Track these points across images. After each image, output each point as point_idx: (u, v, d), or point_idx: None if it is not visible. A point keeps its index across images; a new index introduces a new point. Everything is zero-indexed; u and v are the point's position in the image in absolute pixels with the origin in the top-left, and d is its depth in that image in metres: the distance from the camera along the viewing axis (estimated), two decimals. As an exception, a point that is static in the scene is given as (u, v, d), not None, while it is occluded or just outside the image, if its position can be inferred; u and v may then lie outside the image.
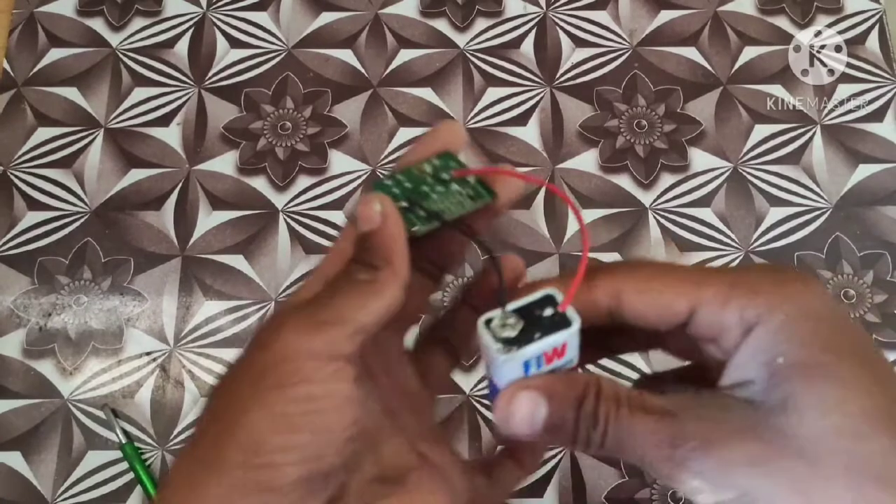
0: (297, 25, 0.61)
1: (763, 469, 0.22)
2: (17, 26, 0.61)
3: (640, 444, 0.23)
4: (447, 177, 0.27)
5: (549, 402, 0.25)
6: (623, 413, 0.24)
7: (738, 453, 0.22)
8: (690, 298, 0.24)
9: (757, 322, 0.23)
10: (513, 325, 0.24)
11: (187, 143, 0.58)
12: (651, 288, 0.25)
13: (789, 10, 0.62)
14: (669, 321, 0.25)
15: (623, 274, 0.25)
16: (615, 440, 0.24)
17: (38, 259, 0.54)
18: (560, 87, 0.59)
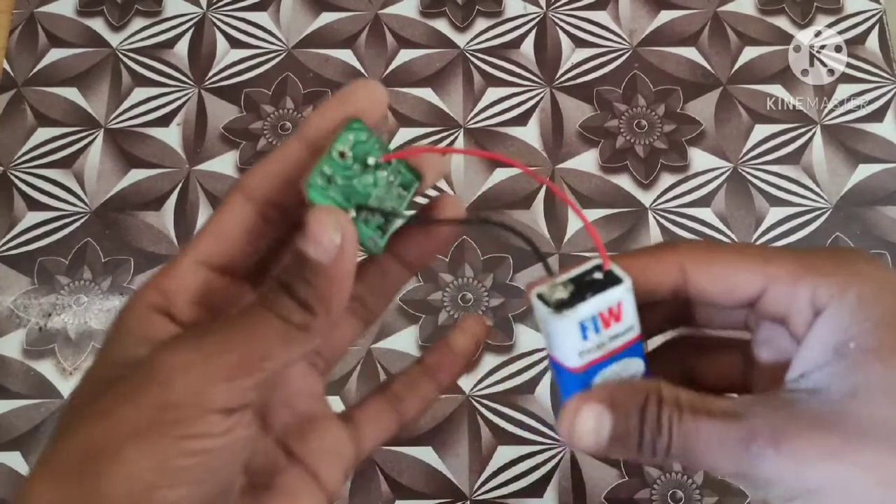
0: (297, 25, 0.61)
1: (841, 461, 0.21)
2: (17, 26, 0.61)
3: (708, 448, 0.22)
4: (372, 161, 0.25)
5: (612, 413, 0.23)
6: (686, 419, 0.23)
7: (812, 446, 0.21)
8: (761, 275, 0.24)
9: (829, 302, 0.23)
10: (564, 289, 0.24)
11: (187, 144, 0.58)
12: (720, 262, 0.24)
13: (789, 11, 0.62)
14: (737, 298, 0.24)
15: (689, 249, 0.25)
16: (681, 447, 0.23)
17: (38, 259, 0.54)
18: (560, 87, 0.59)
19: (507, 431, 0.50)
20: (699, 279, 0.24)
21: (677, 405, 0.23)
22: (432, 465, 0.49)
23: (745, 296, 0.24)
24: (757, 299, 0.24)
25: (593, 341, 0.24)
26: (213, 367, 0.21)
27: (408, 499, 0.49)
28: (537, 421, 0.50)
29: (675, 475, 0.49)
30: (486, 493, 0.49)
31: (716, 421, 0.22)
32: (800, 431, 0.22)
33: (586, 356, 0.24)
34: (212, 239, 0.24)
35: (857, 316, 0.22)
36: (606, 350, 0.24)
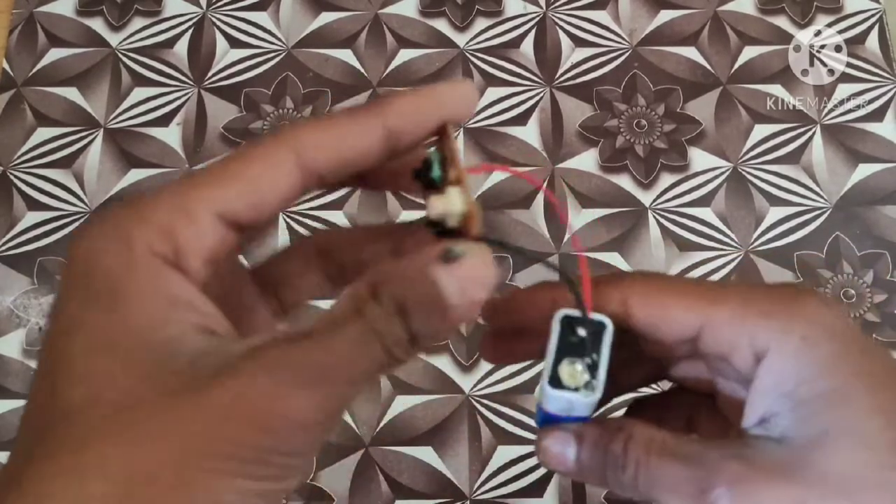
0: (296, 25, 0.61)
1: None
2: (16, 26, 0.61)
3: (670, 489, 0.23)
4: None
5: (577, 443, 0.24)
6: (652, 459, 0.23)
7: (770, 497, 0.21)
8: (699, 315, 0.23)
9: (770, 346, 0.22)
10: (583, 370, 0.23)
11: (187, 144, 0.58)
12: (659, 300, 0.24)
13: (789, 10, 0.62)
14: (675, 335, 0.24)
15: (631, 283, 0.24)
16: (646, 485, 0.23)
17: (38, 259, 0.54)
18: (560, 86, 0.59)
19: (507, 431, 0.50)
20: (638, 313, 0.24)
21: (646, 445, 0.23)
22: (432, 464, 0.49)
23: (683, 333, 0.24)
24: (698, 335, 0.24)
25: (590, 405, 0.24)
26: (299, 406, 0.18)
27: (408, 499, 0.49)
28: (537, 421, 0.50)
29: None
30: (486, 492, 0.49)
31: (679, 464, 0.23)
32: (762, 479, 0.21)
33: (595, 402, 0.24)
34: (244, 193, 0.20)
35: (801, 360, 0.22)
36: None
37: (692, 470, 0.22)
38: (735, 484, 0.21)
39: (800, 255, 0.54)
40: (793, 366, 0.22)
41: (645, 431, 0.24)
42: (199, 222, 0.20)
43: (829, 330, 0.22)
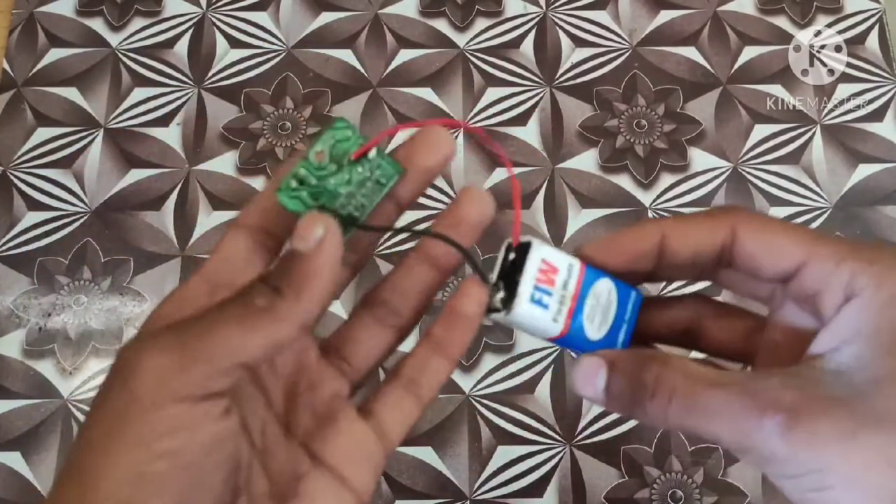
0: (296, 25, 0.61)
1: (855, 443, 0.21)
2: (16, 26, 0.61)
3: (713, 417, 0.23)
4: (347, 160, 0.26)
5: (609, 369, 0.25)
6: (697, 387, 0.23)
7: (829, 427, 0.21)
8: (806, 249, 0.24)
9: (864, 291, 0.23)
10: (499, 289, 0.26)
11: (187, 144, 0.58)
12: (770, 230, 0.25)
13: (789, 10, 0.62)
14: (780, 267, 0.25)
15: (742, 213, 0.25)
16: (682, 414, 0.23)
17: (38, 259, 0.54)
18: (560, 86, 0.59)
19: (507, 431, 0.50)
20: (748, 243, 0.25)
21: (684, 374, 0.24)
22: (432, 464, 0.49)
23: (787, 266, 0.24)
24: (795, 273, 0.24)
25: (554, 301, 0.26)
26: (167, 360, 0.21)
27: (408, 499, 0.49)
28: (537, 421, 0.50)
29: (675, 475, 0.49)
30: (486, 492, 0.49)
31: (725, 391, 0.23)
32: (818, 410, 0.22)
33: (560, 317, 0.26)
34: (217, 262, 0.26)
35: (886, 310, 0.22)
36: (570, 297, 0.26)
37: (743, 396, 0.22)
38: (791, 409, 0.22)
39: (800, 255, 0.54)
40: (878, 311, 0.23)
41: (680, 362, 0.24)
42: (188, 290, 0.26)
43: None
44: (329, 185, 0.25)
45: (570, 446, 0.50)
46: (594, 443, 0.50)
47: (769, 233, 0.25)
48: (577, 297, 0.26)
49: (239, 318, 0.22)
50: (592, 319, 0.26)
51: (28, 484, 0.49)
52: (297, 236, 0.23)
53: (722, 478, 0.49)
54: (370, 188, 0.26)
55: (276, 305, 0.22)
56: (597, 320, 0.27)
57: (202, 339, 0.22)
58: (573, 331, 0.26)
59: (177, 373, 0.21)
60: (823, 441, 0.21)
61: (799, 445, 0.21)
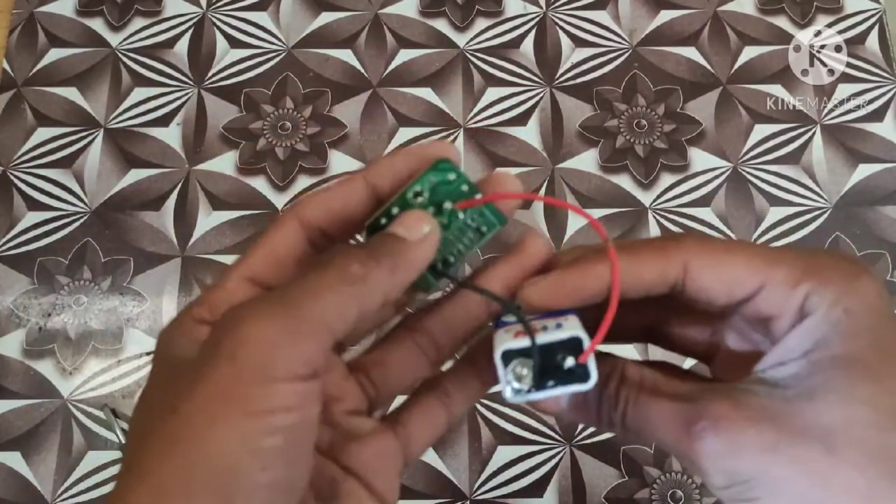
0: (296, 25, 0.61)
1: (775, 454, 0.22)
2: (16, 26, 0.61)
3: (657, 425, 0.24)
4: (449, 206, 0.25)
5: None
6: (643, 396, 0.24)
7: (750, 437, 0.22)
8: (761, 275, 0.24)
9: (817, 310, 0.23)
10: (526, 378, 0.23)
11: (187, 144, 0.58)
12: (723, 261, 0.24)
13: (789, 10, 0.62)
14: (733, 298, 0.24)
15: (693, 245, 0.25)
16: (634, 421, 0.24)
17: (38, 259, 0.54)
18: (560, 86, 0.59)
19: (507, 431, 0.50)
20: (701, 277, 0.24)
21: (638, 383, 0.25)
22: (432, 464, 0.49)
23: (742, 295, 0.24)
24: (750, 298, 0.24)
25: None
26: (275, 330, 0.20)
27: (408, 498, 0.49)
28: (537, 421, 0.50)
29: (675, 475, 0.49)
30: (487, 492, 0.49)
31: (668, 400, 0.24)
32: (742, 421, 0.22)
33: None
34: (263, 257, 0.24)
35: (837, 327, 0.23)
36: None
37: (680, 405, 0.24)
38: (719, 420, 0.22)
39: (800, 255, 0.54)
40: (827, 331, 0.23)
41: (636, 371, 0.25)
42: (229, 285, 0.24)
43: (872, 307, 0.23)
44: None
45: (570, 446, 0.50)
46: (594, 443, 0.50)
47: (722, 264, 0.24)
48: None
49: (335, 286, 0.21)
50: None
51: (28, 484, 0.49)
52: (401, 225, 0.23)
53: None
54: (470, 237, 0.25)
55: (372, 274, 0.22)
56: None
57: (306, 309, 0.21)
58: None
59: (285, 346, 0.20)
60: (746, 451, 0.22)
61: (722, 454, 0.22)
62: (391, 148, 0.57)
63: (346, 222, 0.25)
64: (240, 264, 0.24)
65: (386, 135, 0.58)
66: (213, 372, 0.20)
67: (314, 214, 0.25)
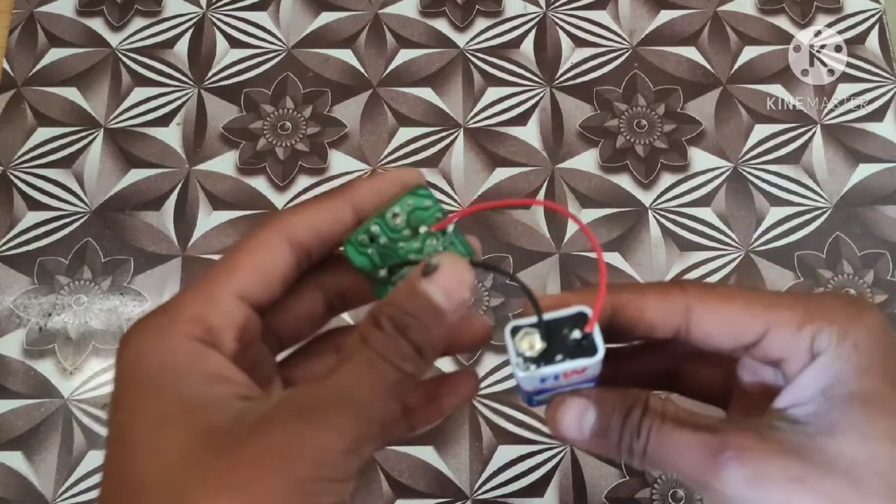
0: (296, 25, 0.61)
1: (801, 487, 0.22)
2: (16, 26, 0.61)
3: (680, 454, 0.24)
4: (424, 229, 0.26)
5: (598, 409, 0.25)
6: (667, 427, 0.24)
7: (775, 468, 0.23)
8: (764, 320, 0.24)
9: (827, 348, 0.24)
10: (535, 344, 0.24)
11: (187, 143, 0.58)
12: (725, 307, 0.25)
13: (789, 10, 0.62)
14: (738, 341, 0.25)
15: (695, 290, 0.25)
16: (656, 451, 0.24)
17: (38, 259, 0.54)
18: (560, 86, 0.59)
19: (507, 431, 0.50)
20: (704, 322, 0.25)
21: (661, 414, 0.25)
22: (433, 464, 0.49)
23: (747, 340, 0.25)
24: (757, 343, 0.25)
25: (550, 385, 0.25)
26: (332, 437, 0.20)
27: (408, 498, 0.49)
28: (538, 420, 0.50)
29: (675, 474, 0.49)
30: (487, 492, 0.49)
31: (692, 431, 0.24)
32: (767, 453, 0.23)
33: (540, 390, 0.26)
34: (253, 274, 0.24)
35: (848, 363, 0.23)
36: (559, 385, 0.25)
37: (705, 436, 0.24)
38: (745, 451, 0.23)
39: (800, 255, 0.54)
40: (839, 367, 0.23)
41: (659, 402, 0.25)
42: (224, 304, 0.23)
43: (880, 340, 0.24)
44: (400, 251, 0.25)
45: (570, 446, 0.50)
46: (595, 442, 0.50)
47: (724, 310, 0.25)
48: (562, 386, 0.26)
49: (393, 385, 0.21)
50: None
51: (28, 484, 0.49)
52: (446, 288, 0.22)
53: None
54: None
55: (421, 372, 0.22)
56: None
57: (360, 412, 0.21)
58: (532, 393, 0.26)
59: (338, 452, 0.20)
60: (771, 482, 0.22)
61: (747, 485, 0.23)
62: (391, 147, 0.57)
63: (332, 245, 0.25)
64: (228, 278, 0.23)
65: (386, 135, 0.58)
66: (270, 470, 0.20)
67: (304, 237, 0.24)
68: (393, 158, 0.57)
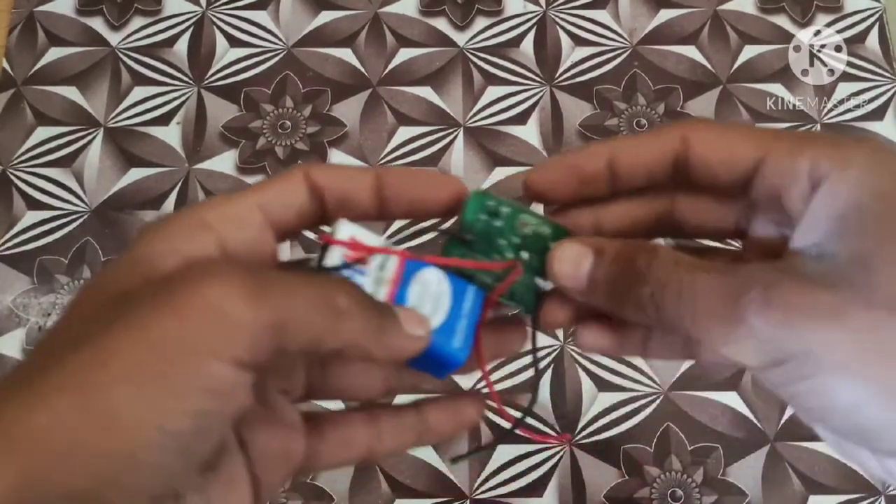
0: (296, 24, 0.61)
1: (837, 321, 0.20)
2: (16, 25, 0.61)
3: (695, 300, 0.21)
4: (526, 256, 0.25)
5: (595, 256, 0.24)
6: (683, 272, 0.22)
7: (808, 304, 0.20)
8: (761, 146, 0.23)
9: (830, 173, 0.21)
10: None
11: (187, 143, 0.58)
12: (723, 133, 0.24)
13: (789, 9, 0.62)
14: (736, 169, 0.23)
15: (692, 121, 0.24)
16: (667, 299, 0.22)
17: (38, 258, 0.54)
18: (560, 85, 0.59)
19: (506, 430, 0.50)
20: (701, 148, 0.24)
21: (674, 261, 0.22)
22: (432, 464, 0.49)
23: (744, 165, 0.23)
24: (755, 173, 0.23)
25: (368, 281, 0.24)
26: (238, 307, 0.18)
27: (408, 498, 0.49)
28: (537, 420, 0.50)
29: (675, 474, 0.49)
30: (486, 491, 0.49)
31: (709, 274, 0.22)
32: (796, 287, 0.20)
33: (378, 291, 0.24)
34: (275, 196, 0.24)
35: (859, 187, 0.21)
36: (388, 280, 0.24)
37: (724, 277, 0.21)
38: (770, 287, 0.20)
39: (800, 254, 0.54)
40: (849, 191, 0.21)
41: (670, 251, 0.23)
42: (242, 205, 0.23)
43: (887, 162, 0.22)
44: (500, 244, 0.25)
45: (570, 445, 0.50)
46: (594, 442, 0.50)
47: (722, 136, 0.24)
48: (397, 282, 0.24)
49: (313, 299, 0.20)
50: (420, 308, 0.24)
51: (28, 483, 0.49)
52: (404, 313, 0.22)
53: (722, 477, 0.49)
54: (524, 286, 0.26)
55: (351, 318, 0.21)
56: (426, 309, 0.24)
57: (278, 299, 0.19)
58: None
59: (242, 327, 0.18)
60: (805, 318, 0.20)
61: (777, 321, 0.20)
62: (391, 146, 0.57)
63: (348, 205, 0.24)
64: (253, 192, 0.23)
65: (386, 134, 0.58)
66: (152, 323, 0.18)
67: (325, 182, 0.24)
68: (393, 157, 0.57)
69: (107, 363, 0.18)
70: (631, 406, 0.50)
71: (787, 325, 0.20)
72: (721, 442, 0.50)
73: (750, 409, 0.50)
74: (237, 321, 0.18)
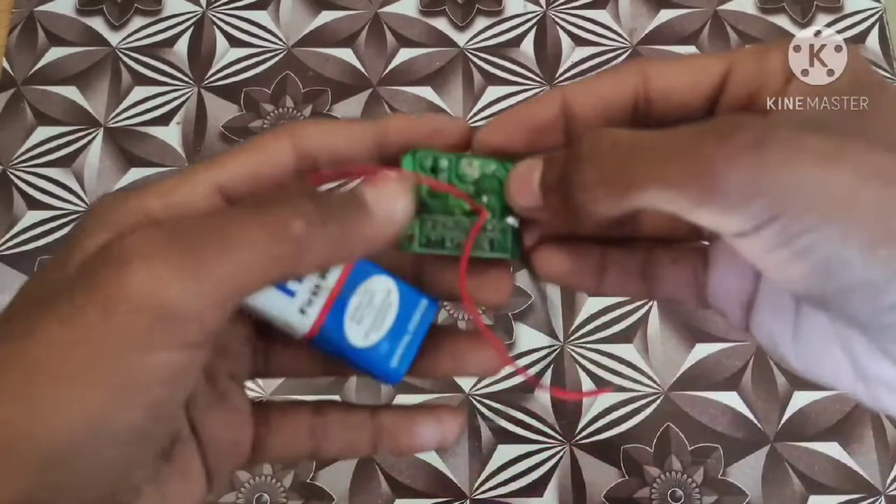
0: (296, 24, 0.61)
1: (836, 161, 0.17)
2: (16, 25, 0.61)
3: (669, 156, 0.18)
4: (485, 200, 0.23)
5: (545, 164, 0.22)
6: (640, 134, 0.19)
7: (804, 147, 0.17)
8: (723, 59, 0.21)
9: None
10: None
11: (187, 143, 0.58)
12: (679, 61, 0.22)
13: (789, 9, 0.62)
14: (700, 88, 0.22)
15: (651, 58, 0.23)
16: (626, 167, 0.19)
17: (38, 258, 0.54)
18: (560, 85, 0.59)
19: (506, 431, 0.50)
20: (663, 77, 0.22)
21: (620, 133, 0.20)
22: (432, 463, 0.49)
23: (711, 82, 0.21)
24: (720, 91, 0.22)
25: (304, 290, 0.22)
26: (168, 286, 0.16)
27: (408, 498, 0.49)
28: (537, 420, 0.50)
29: (675, 474, 0.49)
30: (486, 491, 0.49)
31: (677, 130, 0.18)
32: (790, 130, 0.18)
33: (311, 310, 0.22)
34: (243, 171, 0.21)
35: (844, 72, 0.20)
36: (328, 289, 0.22)
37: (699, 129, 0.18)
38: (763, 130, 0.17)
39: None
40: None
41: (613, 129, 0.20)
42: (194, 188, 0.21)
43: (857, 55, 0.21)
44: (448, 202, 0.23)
45: (570, 445, 0.50)
46: (594, 442, 0.50)
47: (680, 62, 0.22)
48: (338, 291, 0.22)
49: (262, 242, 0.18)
50: (359, 321, 0.22)
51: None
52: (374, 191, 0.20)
53: (722, 477, 0.49)
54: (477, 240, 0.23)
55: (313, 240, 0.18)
56: (366, 323, 0.23)
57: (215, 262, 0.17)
58: (327, 330, 0.22)
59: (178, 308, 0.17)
60: (799, 164, 0.17)
61: (767, 173, 0.17)
62: (391, 147, 0.57)
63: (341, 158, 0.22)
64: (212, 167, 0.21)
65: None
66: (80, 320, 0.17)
67: (315, 145, 0.22)
68: (393, 158, 0.57)
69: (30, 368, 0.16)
70: (631, 406, 0.50)
71: (779, 174, 0.17)
72: (721, 442, 0.50)
73: (750, 409, 0.50)
74: (172, 309, 0.17)
